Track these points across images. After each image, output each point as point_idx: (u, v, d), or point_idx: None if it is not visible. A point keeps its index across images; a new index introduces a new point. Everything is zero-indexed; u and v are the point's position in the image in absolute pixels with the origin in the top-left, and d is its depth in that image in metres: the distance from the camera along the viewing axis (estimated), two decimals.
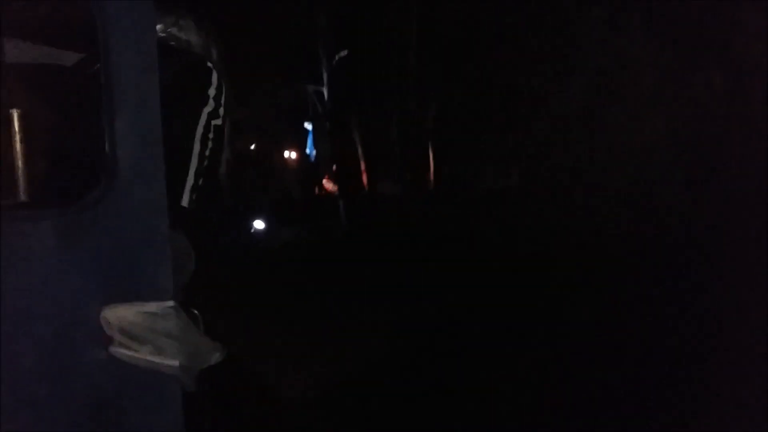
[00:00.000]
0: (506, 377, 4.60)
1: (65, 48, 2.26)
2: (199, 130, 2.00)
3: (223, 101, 2.07)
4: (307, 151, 20.35)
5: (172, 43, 2.14)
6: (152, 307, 1.67)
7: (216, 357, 1.87)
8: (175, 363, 1.72)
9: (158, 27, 1.99)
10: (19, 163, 1.96)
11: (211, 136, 2.02)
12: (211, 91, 2.05)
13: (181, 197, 1.93)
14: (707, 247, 7.94)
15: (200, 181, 1.98)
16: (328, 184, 19.54)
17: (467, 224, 13.10)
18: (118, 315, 1.64)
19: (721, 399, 3.86)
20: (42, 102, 2.21)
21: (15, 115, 1.98)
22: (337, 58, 20.07)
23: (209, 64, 2.10)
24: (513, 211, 14.33)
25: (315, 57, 20.30)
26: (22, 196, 1.94)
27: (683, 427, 3.69)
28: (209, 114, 2.02)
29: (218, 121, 2.05)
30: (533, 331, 5.44)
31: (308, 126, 20.25)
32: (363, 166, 20.58)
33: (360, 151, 21.18)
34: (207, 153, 2.02)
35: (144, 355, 1.67)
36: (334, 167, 20.42)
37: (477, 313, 6.29)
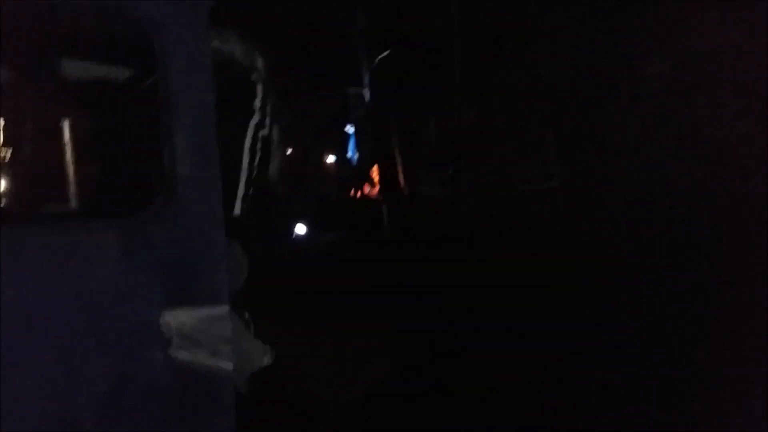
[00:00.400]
0: (547, 379, 4.72)
1: (119, 65, 2.44)
2: (248, 142, 2.14)
3: (268, 111, 2.20)
4: (349, 154, 20.60)
5: (215, 56, 2.29)
6: (209, 311, 1.82)
7: (266, 360, 2.02)
8: (230, 365, 1.87)
9: None
10: (71, 171, 2.14)
11: (259, 146, 2.16)
12: (257, 103, 2.17)
13: (233, 207, 2.07)
14: (708, 247, 8.01)
15: (251, 191, 2.12)
16: (370, 188, 19.72)
17: (507, 226, 13.23)
18: (177, 319, 1.80)
19: (721, 399, 3.93)
20: (97, 115, 2.41)
21: (66, 124, 2.16)
22: (377, 59, 20.33)
23: (253, 77, 2.22)
24: (553, 214, 14.45)
25: (355, 59, 20.56)
26: (73, 204, 2.13)
27: (683, 427, 3.78)
28: (256, 126, 2.16)
29: (265, 132, 2.18)
30: (562, 333, 5.58)
31: (350, 129, 20.49)
32: (405, 170, 20.75)
33: (402, 154, 21.35)
34: (256, 163, 2.15)
35: (200, 357, 1.83)
36: (377, 171, 20.58)
37: (518, 315, 6.38)
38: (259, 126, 2.15)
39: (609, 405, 4.07)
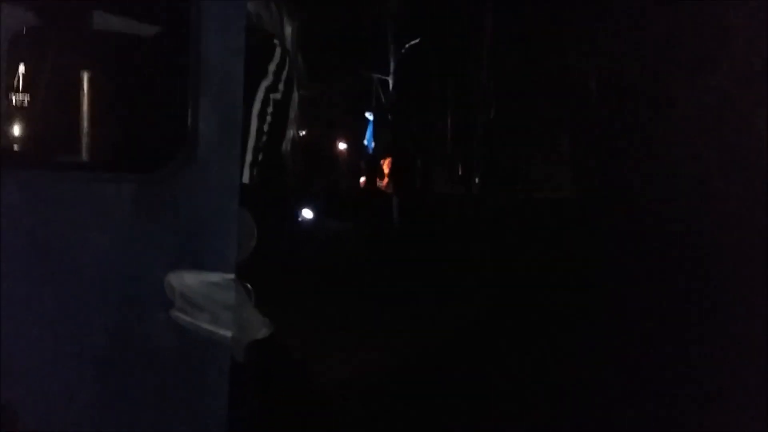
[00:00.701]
0: (558, 378, 4.82)
1: (149, 21, 2.48)
2: (257, 105, 2.03)
3: (284, 77, 2.13)
4: (366, 142, 20.52)
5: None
6: (214, 277, 1.86)
7: (263, 332, 2.06)
8: (228, 333, 1.91)
9: None
10: (85, 123, 2.18)
11: (270, 110, 2.07)
12: (271, 66, 2.10)
13: (241, 173, 2.02)
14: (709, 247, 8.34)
15: (259, 157, 2.08)
16: (384, 179, 19.75)
17: (517, 226, 13.67)
18: (182, 281, 1.84)
19: (721, 399, 4.02)
20: (121, 70, 2.44)
21: (85, 77, 2.20)
22: (406, 46, 20.22)
23: (275, 41, 2.16)
24: (565, 213, 14.91)
25: (383, 43, 20.48)
26: (89, 156, 2.16)
27: (683, 427, 3.86)
28: (267, 89, 2.06)
29: (277, 96, 2.11)
30: (561, 331, 5.72)
31: (369, 116, 20.42)
32: (419, 164, 20.74)
33: (418, 148, 21.32)
34: (266, 128, 2.06)
35: (201, 322, 1.87)
36: (388, 162, 20.59)
37: (523, 314, 6.54)
38: (271, 89, 2.09)
39: (616, 405, 4.16)
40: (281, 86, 2.10)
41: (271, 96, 2.08)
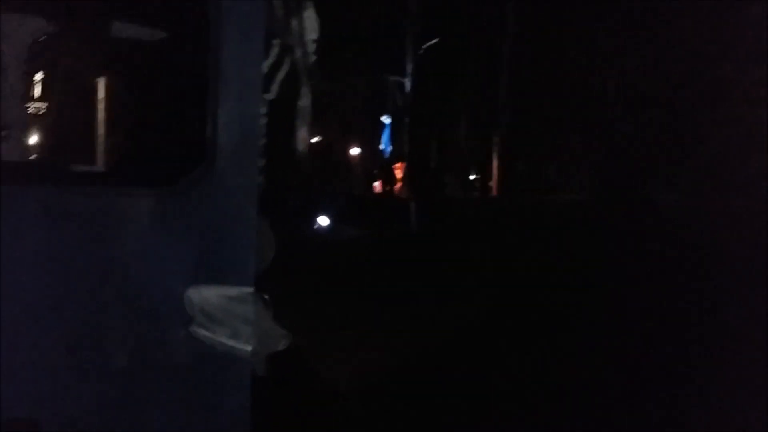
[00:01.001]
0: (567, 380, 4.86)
1: (168, 28, 2.49)
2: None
3: (279, 77, 2.09)
4: (382, 146, 20.47)
5: None
6: (233, 291, 1.86)
7: (283, 344, 2.06)
8: (248, 347, 1.91)
9: None
10: (101, 133, 2.19)
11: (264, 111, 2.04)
12: (265, 66, 2.04)
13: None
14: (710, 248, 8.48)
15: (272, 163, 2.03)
16: (401, 184, 19.72)
17: (533, 228, 13.85)
18: (201, 296, 1.84)
19: (722, 399, 4.06)
20: (140, 78, 2.45)
21: (101, 86, 2.21)
22: (424, 47, 20.16)
23: (273, 41, 2.11)
24: (576, 215, 15.07)
25: (400, 45, 20.41)
26: (107, 166, 2.17)
27: (683, 427, 3.90)
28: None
29: (269, 95, 2.06)
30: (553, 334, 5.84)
31: (386, 120, 20.35)
32: (435, 169, 20.71)
33: (435, 152, 21.27)
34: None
35: (221, 336, 1.87)
36: (402, 167, 20.53)
37: (532, 318, 6.64)
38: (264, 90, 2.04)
39: (614, 405, 4.20)
40: (275, 87, 2.05)
41: (264, 96, 2.04)
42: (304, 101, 2.18)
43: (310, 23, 2.18)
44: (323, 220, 13.58)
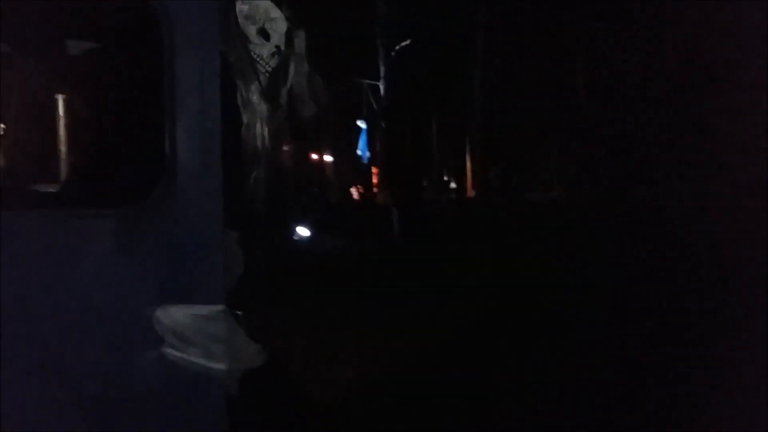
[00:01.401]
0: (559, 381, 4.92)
1: (122, 45, 2.49)
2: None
3: (249, 86, 2.10)
4: (359, 152, 20.41)
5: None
6: (203, 310, 1.87)
7: (258, 361, 2.07)
8: (222, 366, 1.92)
9: None
10: (65, 153, 2.18)
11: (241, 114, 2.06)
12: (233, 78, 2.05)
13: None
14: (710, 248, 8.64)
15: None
16: (380, 190, 19.72)
17: (513, 228, 14.02)
18: (171, 316, 1.85)
19: (721, 399, 4.12)
20: (96, 96, 2.45)
21: (60, 101, 2.21)
22: (396, 48, 20.20)
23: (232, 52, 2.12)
24: (557, 221, 15.25)
25: (371, 47, 20.44)
26: (66, 188, 2.16)
27: (683, 427, 3.96)
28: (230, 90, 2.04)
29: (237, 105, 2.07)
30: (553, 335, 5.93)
31: (362, 124, 20.32)
32: (412, 172, 20.73)
33: (416, 155, 21.31)
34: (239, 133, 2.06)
35: (193, 357, 1.88)
36: (378, 172, 20.51)
37: (520, 320, 6.72)
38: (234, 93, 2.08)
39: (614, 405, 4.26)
40: (241, 90, 2.07)
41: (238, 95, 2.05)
42: (273, 109, 2.20)
43: (278, 29, 2.19)
44: (302, 231, 13.49)
